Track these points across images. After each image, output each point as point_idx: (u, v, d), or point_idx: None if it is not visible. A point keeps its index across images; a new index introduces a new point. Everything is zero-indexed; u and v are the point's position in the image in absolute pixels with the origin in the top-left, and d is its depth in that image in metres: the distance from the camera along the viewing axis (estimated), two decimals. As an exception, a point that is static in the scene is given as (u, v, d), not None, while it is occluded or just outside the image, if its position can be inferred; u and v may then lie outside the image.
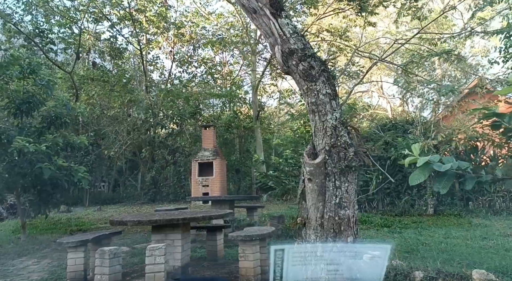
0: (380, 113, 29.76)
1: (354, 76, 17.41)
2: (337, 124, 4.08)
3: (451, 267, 4.26)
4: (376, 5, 15.15)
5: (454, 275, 3.82)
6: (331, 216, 4.00)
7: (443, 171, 1.97)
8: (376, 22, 16.32)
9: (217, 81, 19.78)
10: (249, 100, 20.41)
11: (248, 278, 4.90)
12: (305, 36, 16.66)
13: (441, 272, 3.98)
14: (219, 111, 20.55)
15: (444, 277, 3.83)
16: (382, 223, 10.80)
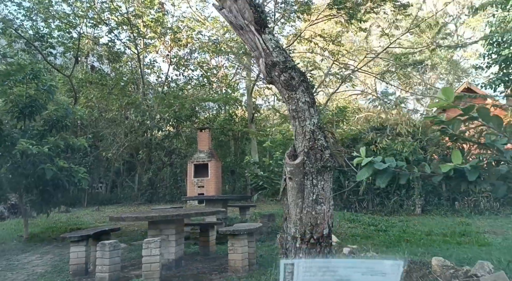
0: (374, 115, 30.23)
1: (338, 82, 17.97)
2: (314, 129, 4.54)
3: (417, 257, 4.73)
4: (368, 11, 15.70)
5: (417, 263, 4.30)
6: (308, 211, 4.46)
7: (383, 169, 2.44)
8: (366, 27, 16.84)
9: (213, 84, 20.21)
10: (244, 102, 20.87)
11: (237, 269, 5.34)
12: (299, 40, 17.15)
13: (407, 261, 4.45)
14: (215, 113, 20.98)
15: (409, 265, 4.30)
16: (370, 222, 11.27)
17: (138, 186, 18.58)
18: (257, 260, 6.05)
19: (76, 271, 5.70)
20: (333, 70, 17.85)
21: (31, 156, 7.92)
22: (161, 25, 17.46)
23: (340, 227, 10.40)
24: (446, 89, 2.32)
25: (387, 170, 2.45)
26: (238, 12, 4.49)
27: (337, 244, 6.26)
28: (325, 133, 4.65)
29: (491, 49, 12.08)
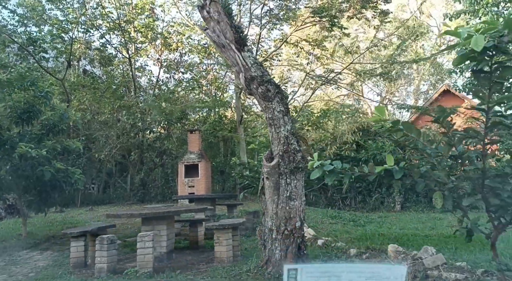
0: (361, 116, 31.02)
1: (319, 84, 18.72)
2: (288, 135, 5.20)
3: (377, 245, 5.41)
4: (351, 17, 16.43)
5: (377, 249, 4.97)
6: (283, 206, 5.14)
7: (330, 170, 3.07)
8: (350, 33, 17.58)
9: (203, 87, 20.77)
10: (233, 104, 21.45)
11: (222, 260, 5.97)
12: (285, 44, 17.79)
13: (369, 248, 5.13)
14: (205, 114, 21.52)
15: (370, 251, 4.97)
16: (350, 218, 11.95)
17: (130, 186, 19.08)
18: (242, 252, 6.66)
19: (76, 264, 6.27)
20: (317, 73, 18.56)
21: (30, 158, 8.43)
22: (152, 30, 18.00)
23: (322, 223, 11.04)
24: (378, 108, 2.97)
25: (334, 171, 3.09)
26: (221, 32, 5.12)
27: (313, 237, 6.92)
28: (298, 138, 5.30)
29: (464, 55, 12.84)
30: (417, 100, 34.02)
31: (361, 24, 20.66)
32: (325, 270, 2.05)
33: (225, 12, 5.03)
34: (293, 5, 16.20)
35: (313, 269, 2.01)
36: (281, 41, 18.07)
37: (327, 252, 5.72)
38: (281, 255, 5.02)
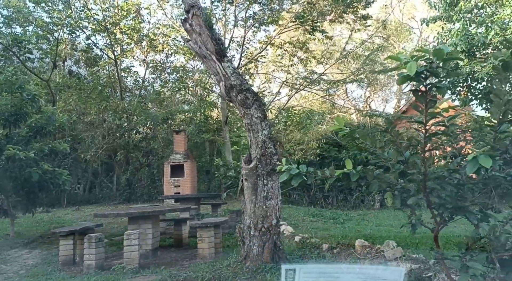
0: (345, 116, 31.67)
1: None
2: (265, 139, 5.61)
3: (347, 241, 5.87)
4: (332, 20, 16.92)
5: (346, 244, 5.42)
6: (260, 206, 5.54)
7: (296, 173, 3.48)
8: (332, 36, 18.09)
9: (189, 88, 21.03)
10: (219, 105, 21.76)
11: (204, 256, 6.35)
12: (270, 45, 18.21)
13: (339, 243, 5.57)
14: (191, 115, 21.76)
15: (340, 246, 5.42)
16: (331, 216, 12.44)
17: (116, 186, 19.26)
18: (223, 249, 7.05)
19: (65, 262, 6.57)
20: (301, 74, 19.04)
21: (18, 160, 8.66)
22: (138, 32, 18.21)
23: (303, 221, 11.50)
24: (338, 118, 3.38)
25: (299, 174, 3.50)
26: (202, 44, 5.49)
27: (291, 234, 7.35)
28: (274, 142, 5.71)
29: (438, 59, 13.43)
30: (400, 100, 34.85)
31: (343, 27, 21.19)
32: (323, 271, 2.13)
33: (206, 25, 5.40)
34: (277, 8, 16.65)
35: (311, 270, 2.06)
36: (265, 43, 18.47)
37: (302, 248, 6.15)
38: (258, 251, 5.42)
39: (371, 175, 3.42)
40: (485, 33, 11.94)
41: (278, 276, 4.83)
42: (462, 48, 12.30)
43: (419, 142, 3.16)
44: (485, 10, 13.28)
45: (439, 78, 2.78)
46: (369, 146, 3.55)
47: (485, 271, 2.90)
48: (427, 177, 3.20)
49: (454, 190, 3.26)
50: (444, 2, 13.20)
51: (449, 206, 3.24)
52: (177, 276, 5.13)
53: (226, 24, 18.15)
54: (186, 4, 5.51)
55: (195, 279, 4.96)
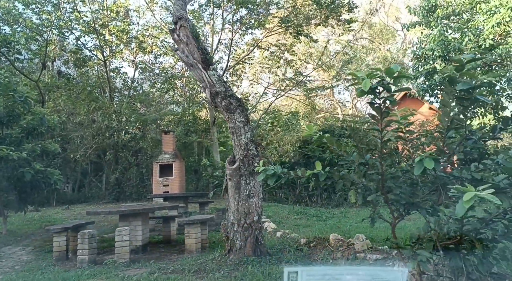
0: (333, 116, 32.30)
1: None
2: (248, 142, 6.05)
3: (323, 235, 6.35)
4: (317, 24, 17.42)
5: (322, 238, 5.91)
6: (243, 203, 5.98)
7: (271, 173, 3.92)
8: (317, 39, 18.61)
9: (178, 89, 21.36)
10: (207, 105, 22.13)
11: (191, 251, 6.76)
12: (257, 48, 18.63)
13: (316, 238, 6.05)
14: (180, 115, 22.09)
15: (316, 240, 5.90)
16: (314, 214, 12.94)
17: (105, 185, 19.51)
18: (210, 244, 7.47)
19: (58, 257, 6.92)
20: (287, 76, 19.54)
21: (11, 161, 8.95)
22: (127, 34, 18.49)
23: (287, 218, 11.96)
24: (308, 125, 3.84)
25: (275, 174, 3.95)
26: (189, 53, 5.91)
27: (273, 230, 7.81)
28: (256, 145, 6.16)
29: (417, 63, 14.04)
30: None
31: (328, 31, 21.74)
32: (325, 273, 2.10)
33: (193, 36, 5.81)
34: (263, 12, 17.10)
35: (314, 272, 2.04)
36: (253, 45, 18.91)
37: (282, 242, 6.61)
38: (241, 245, 5.87)
39: (337, 175, 3.90)
40: (460, 39, 12.58)
41: (259, 267, 5.28)
42: (438, 53, 12.92)
43: (377, 146, 3.63)
44: (462, 16, 13.93)
45: (391, 92, 3.24)
46: (335, 150, 4.02)
47: (430, 257, 3.39)
48: (384, 177, 3.68)
49: (408, 188, 3.75)
50: (423, 9, 13.80)
51: (403, 202, 3.73)
52: (166, 269, 5.54)
53: (214, 26, 18.53)
54: (174, 16, 5.91)
55: (182, 271, 5.37)
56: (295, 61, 18.66)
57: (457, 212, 2.66)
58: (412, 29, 15.62)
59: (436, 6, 13.61)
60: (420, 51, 13.75)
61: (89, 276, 5.34)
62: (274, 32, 17.42)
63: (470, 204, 2.52)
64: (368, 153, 3.84)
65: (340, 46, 27.24)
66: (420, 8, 13.86)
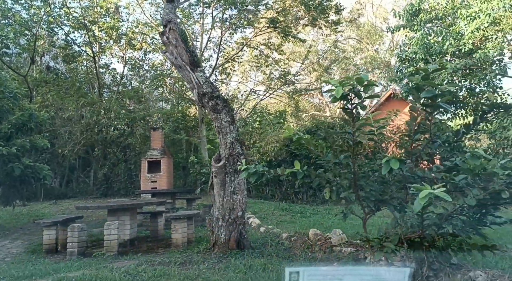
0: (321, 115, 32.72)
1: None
2: (233, 141, 6.33)
3: (303, 230, 6.68)
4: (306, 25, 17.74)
5: (302, 233, 6.23)
6: (228, 199, 6.27)
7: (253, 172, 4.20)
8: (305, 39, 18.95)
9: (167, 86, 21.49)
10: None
11: (178, 245, 7.02)
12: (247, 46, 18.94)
13: (296, 232, 6.38)
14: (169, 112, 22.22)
15: (297, 235, 6.22)
16: (299, 211, 13.27)
17: (93, 181, 19.59)
18: (196, 239, 7.74)
19: (48, 250, 7.13)
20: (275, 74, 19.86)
21: (0, 156, 9.08)
22: (116, 31, 18.56)
23: (273, 215, 12.28)
24: (287, 128, 4.14)
25: (256, 173, 4.24)
26: (178, 55, 6.16)
27: (257, 225, 8.12)
28: (241, 144, 6.45)
29: (401, 65, 14.45)
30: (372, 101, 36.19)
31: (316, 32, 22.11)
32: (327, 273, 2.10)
33: (182, 38, 6.06)
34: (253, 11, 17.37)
35: (315, 272, 2.03)
36: (242, 44, 19.16)
37: (265, 237, 6.92)
38: (225, 239, 6.16)
39: (314, 174, 4.21)
40: (442, 42, 13.00)
41: (242, 260, 5.58)
42: (421, 56, 13.34)
43: (349, 147, 3.94)
44: (444, 21, 14.36)
45: (361, 99, 3.56)
46: (313, 150, 4.34)
47: (396, 249, 3.73)
48: (356, 176, 4.00)
49: (378, 187, 4.08)
50: (407, 13, 14.19)
51: (373, 199, 4.06)
52: (153, 261, 5.79)
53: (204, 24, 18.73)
54: (163, 19, 6.15)
55: (168, 263, 5.63)
56: (284, 60, 18.95)
57: (414, 208, 2.99)
58: (397, 32, 16.05)
59: (419, 10, 14.00)
60: (403, 54, 14.16)
61: (79, 267, 5.57)
62: (263, 32, 17.68)
63: (425, 200, 2.85)
64: (342, 153, 4.16)
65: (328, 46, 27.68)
66: (404, 12, 14.24)
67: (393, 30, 15.72)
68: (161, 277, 4.84)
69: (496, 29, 11.68)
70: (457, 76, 12.90)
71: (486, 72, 12.18)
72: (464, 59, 12.43)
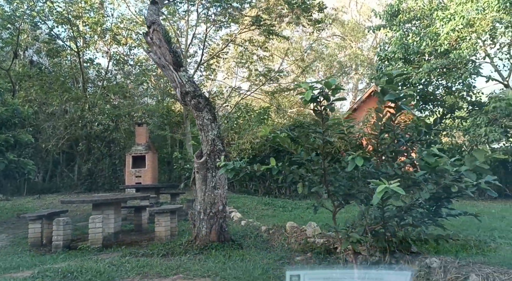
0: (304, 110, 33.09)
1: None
2: (215, 138, 6.59)
3: (281, 223, 7.02)
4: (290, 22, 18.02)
5: (280, 226, 6.56)
6: (209, 194, 6.54)
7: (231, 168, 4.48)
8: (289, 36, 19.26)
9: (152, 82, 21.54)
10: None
11: (161, 238, 7.28)
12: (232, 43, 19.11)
13: (275, 225, 6.70)
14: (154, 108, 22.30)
15: (275, 228, 6.55)
16: (281, 205, 13.60)
17: (77, 175, 19.59)
18: (178, 232, 8.00)
19: (33, 243, 7.31)
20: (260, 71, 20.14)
21: (-16, 151, 9.19)
22: (101, 26, 18.53)
23: (255, 209, 12.59)
24: (264, 127, 4.43)
25: (234, 169, 4.53)
26: (162, 55, 6.38)
27: (239, 219, 8.42)
28: (222, 141, 6.71)
29: (381, 64, 14.89)
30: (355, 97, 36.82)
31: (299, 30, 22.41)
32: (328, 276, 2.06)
33: (165, 39, 6.28)
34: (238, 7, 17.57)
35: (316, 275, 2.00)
36: (227, 41, 19.34)
37: (245, 229, 7.24)
38: (206, 232, 6.44)
39: (288, 170, 4.52)
40: (419, 43, 13.46)
41: (222, 251, 5.88)
42: (399, 55, 13.79)
43: (319, 146, 4.26)
44: (422, 21, 14.83)
45: (329, 101, 3.87)
46: (288, 148, 4.65)
47: (360, 239, 4.07)
48: (326, 172, 4.33)
49: (346, 182, 4.41)
50: (387, 13, 14.61)
51: (342, 193, 4.39)
52: (136, 253, 6.05)
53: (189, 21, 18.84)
54: (147, 20, 6.36)
55: (151, 255, 5.90)
56: (268, 57, 19.23)
57: (373, 201, 3.32)
58: (378, 31, 16.48)
59: (399, 11, 14.44)
60: (383, 53, 14.60)
61: (65, 259, 5.79)
62: (247, 30, 17.90)
63: (382, 194, 3.18)
64: (313, 151, 4.47)
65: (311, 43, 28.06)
66: (384, 12, 14.65)
67: (374, 29, 16.14)
68: (144, 267, 5.11)
69: (470, 31, 12.16)
70: (434, 75, 13.38)
71: (460, 71, 12.69)
72: (440, 59, 12.92)
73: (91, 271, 4.88)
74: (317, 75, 32.34)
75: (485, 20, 11.76)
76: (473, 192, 3.45)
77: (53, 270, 4.91)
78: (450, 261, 3.76)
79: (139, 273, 4.92)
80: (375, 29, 16.10)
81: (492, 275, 3.29)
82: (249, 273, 4.70)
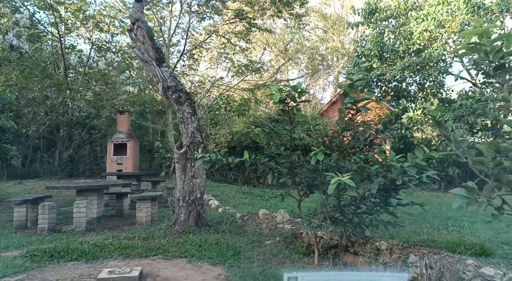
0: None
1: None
2: (194, 130, 7.02)
3: (255, 210, 7.56)
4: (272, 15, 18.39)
5: (253, 213, 7.10)
6: (188, 183, 6.99)
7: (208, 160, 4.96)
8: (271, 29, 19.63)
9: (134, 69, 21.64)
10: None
11: (142, 223, 7.72)
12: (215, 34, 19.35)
13: (249, 212, 7.23)
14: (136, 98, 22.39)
15: (249, 214, 7.08)
16: (259, 194, 14.14)
17: (58, 161, 19.69)
18: (159, 218, 8.45)
19: (18, 226, 7.64)
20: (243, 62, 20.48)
21: (-33, 137, 9.36)
22: (83, 13, 18.49)
23: (233, 197, 13.08)
24: (238, 122, 4.90)
25: (210, 160, 5.00)
26: (145, 51, 6.73)
27: (216, 206, 8.92)
28: (201, 133, 7.15)
29: (358, 60, 15.46)
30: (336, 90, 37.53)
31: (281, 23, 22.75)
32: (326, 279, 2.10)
33: (149, 36, 6.63)
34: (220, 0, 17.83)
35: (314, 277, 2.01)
36: (210, 31, 19.59)
37: (222, 216, 7.74)
38: (185, 218, 6.91)
39: (259, 162, 5.01)
40: (394, 41, 14.07)
41: (198, 235, 6.36)
42: (375, 52, 14.38)
43: (287, 141, 4.77)
44: (398, 20, 15.43)
45: (296, 102, 4.36)
46: (260, 143, 5.14)
47: (320, 224, 4.62)
48: (293, 165, 4.84)
49: (311, 174, 4.94)
50: (365, 11, 15.14)
51: (306, 184, 4.93)
52: (118, 236, 6.48)
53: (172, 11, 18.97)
54: (132, 17, 6.69)
55: (132, 238, 6.34)
56: (250, 49, 19.58)
57: (328, 191, 3.85)
58: (356, 27, 17.02)
59: (376, 9, 14.97)
60: (360, 50, 15.17)
61: (51, 241, 6.18)
62: (229, 22, 18.18)
63: (335, 185, 3.71)
64: (282, 146, 4.98)
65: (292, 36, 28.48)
66: (362, 10, 15.16)
67: (353, 26, 16.65)
68: (126, 248, 5.56)
69: (441, 31, 12.81)
70: (407, 73, 14.04)
71: (432, 70, 13.37)
72: (414, 57, 13.57)
73: (77, 251, 5.30)
74: (299, 68, 32.87)
75: (454, 22, 12.42)
76: (425, 183, 3.97)
77: (41, 250, 5.31)
78: (396, 244, 4.35)
79: (121, 253, 5.37)
80: (354, 26, 16.60)
81: (427, 255, 3.88)
82: (222, 254, 5.21)
